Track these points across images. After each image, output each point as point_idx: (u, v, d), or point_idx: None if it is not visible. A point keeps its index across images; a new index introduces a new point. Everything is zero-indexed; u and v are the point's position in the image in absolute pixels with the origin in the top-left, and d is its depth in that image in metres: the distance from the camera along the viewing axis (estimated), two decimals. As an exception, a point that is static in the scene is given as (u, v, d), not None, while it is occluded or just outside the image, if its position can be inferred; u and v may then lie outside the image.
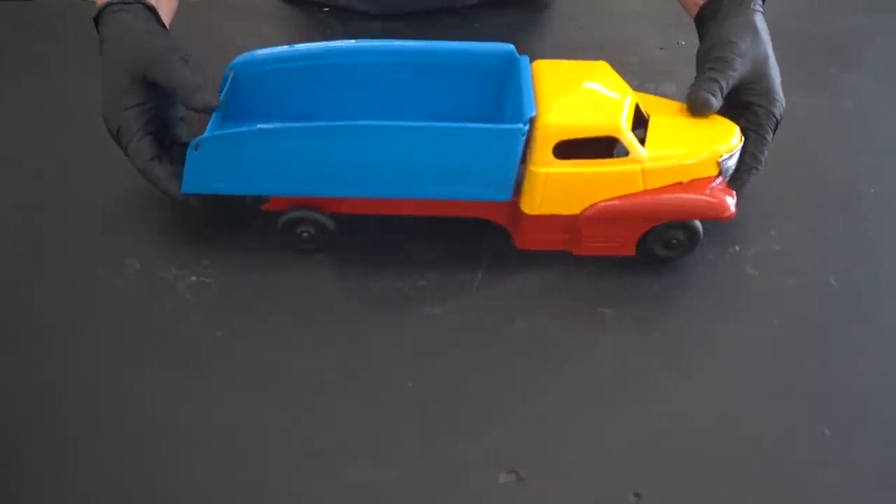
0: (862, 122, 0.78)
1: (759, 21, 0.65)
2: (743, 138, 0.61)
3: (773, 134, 0.63)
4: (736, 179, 0.62)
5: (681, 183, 0.58)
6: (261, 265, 0.61)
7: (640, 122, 0.60)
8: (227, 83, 0.62)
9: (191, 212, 0.63)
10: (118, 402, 0.52)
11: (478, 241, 0.62)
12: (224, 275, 0.60)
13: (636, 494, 0.48)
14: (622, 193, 0.58)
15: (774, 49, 0.64)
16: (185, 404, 0.52)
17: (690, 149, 0.59)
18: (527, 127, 0.55)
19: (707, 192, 0.59)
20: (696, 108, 0.61)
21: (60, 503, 0.47)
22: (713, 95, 0.61)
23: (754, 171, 0.63)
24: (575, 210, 0.58)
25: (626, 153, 0.57)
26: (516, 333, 0.57)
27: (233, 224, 0.64)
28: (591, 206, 0.58)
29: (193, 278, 0.60)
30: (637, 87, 0.62)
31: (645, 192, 0.58)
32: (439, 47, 0.64)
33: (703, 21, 0.67)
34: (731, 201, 0.59)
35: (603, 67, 0.62)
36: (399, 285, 0.60)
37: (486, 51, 0.63)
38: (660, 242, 0.60)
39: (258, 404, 0.52)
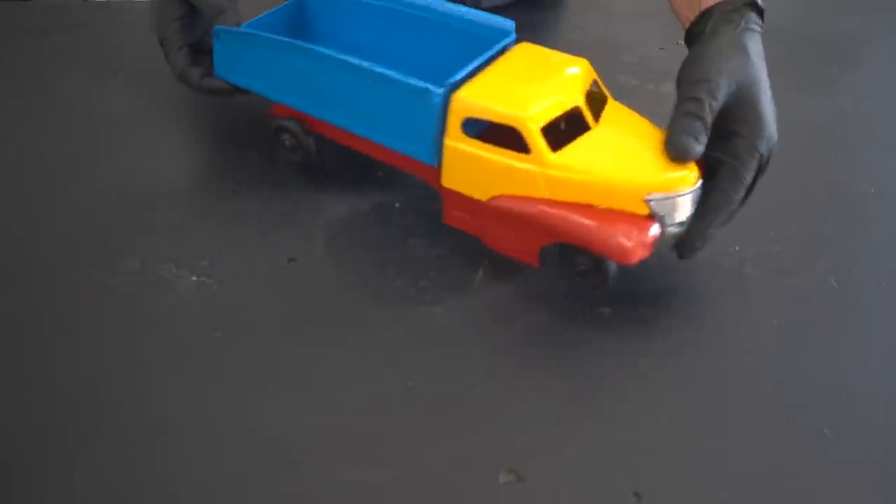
0: (862, 123, 0.78)
1: (752, 41, 0.57)
2: (700, 183, 0.54)
3: (758, 174, 0.56)
4: (700, 220, 0.55)
5: (592, 206, 0.54)
6: (261, 265, 0.61)
7: (581, 130, 0.56)
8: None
9: (190, 212, 0.63)
10: (117, 402, 0.52)
11: (478, 240, 0.62)
12: (224, 275, 0.60)
13: (636, 494, 0.48)
14: (523, 193, 0.55)
15: (774, 49, 0.63)
16: (185, 404, 0.52)
17: (609, 173, 0.53)
18: (441, 91, 0.55)
19: (613, 226, 0.53)
20: (677, 157, 0.54)
21: (60, 503, 0.47)
22: (695, 139, 0.53)
23: (723, 211, 0.55)
24: (481, 196, 0.57)
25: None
26: (516, 333, 0.57)
27: (233, 224, 0.64)
28: (495, 196, 0.56)
29: (193, 278, 0.60)
30: (637, 87, 0.62)
31: (546, 200, 0.55)
32: (450, 9, 0.65)
33: (691, 40, 0.60)
34: (634, 248, 0.52)
35: (578, 65, 0.58)
36: (399, 284, 0.60)
37: (488, 22, 0.63)
38: (568, 263, 0.56)
39: (258, 404, 0.52)
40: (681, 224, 0.54)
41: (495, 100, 0.55)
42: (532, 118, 0.54)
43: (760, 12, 0.59)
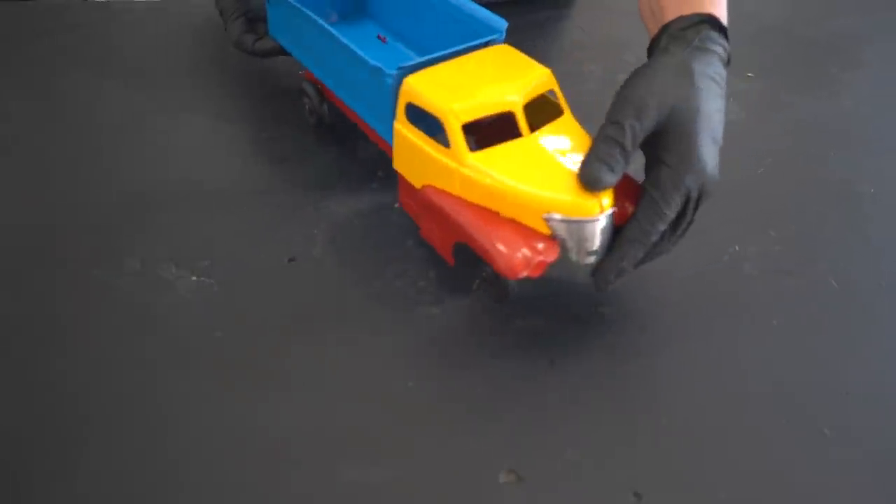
0: (862, 122, 0.78)
1: (702, 62, 0.52)
2: (610, 212, 0.51)
3: (688, 210, 0.51)
4: (614, 251, 0.51)
5: (497, 215, 0.52)
6: (261, 265, 0.61)
7: (514, 136, 0.55)
8: None
9: (190, 212, 0.63)
10: (118, 402, 0.52)
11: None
12: (224, 275, 0.60)
13: (636, 494, 0.48)
14: (444, 188, 0.55)
15: (774, 49, 0.62)
16: (185, 404, 0.52)
17: (513, 183, 0.51)
18: (393, 73, 0.56)
19: (505, 237, 0.51)
20: (587, 185, 0.50)
21: (60, 503, 0.47)
22: (608, 168, 0.49)
23: (638, 245, 0.51)
24: (416, 183, 0.57)
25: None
26: (515, 333, 0.57)
27: (233, 224, 0.64)
28: (425, 185, 0.56)
29: (193, 278, 0.60)
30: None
31: (458, 198, 0.54)
32: (458, 1, 0.65)
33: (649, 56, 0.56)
34: (517, 263, 0.51)
35: (536, 72, 0.57)
36: (399, 285, 0.60)
37: (483, 18, 0.63)
38: (473, 267, 0.55)
39: (257, 404, 0.52)
40: (595, 252, 0.52)
41: (432, 90, 0.55)
42: (456, 113, 0.53)
43: (722, 30, 0.54)
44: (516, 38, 0.65)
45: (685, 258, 0.61)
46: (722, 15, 0.55)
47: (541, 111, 0.57)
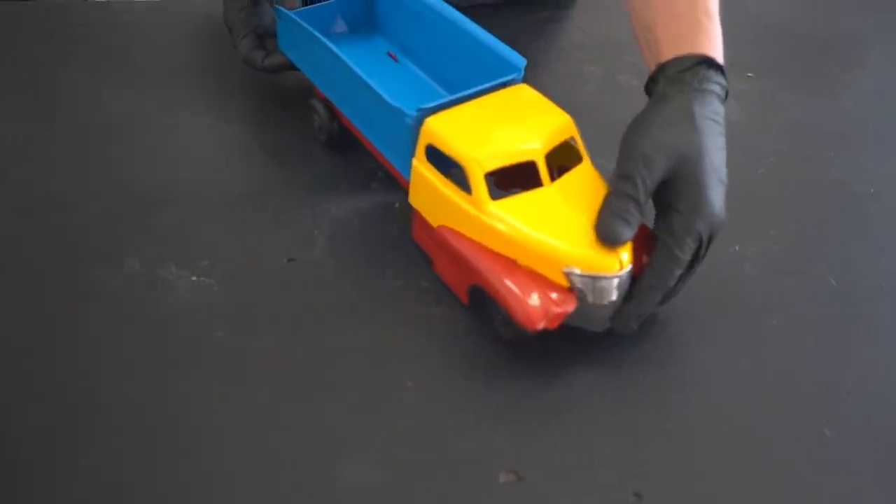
0: (862, 122, 0.78)
1: (703, 104, 0.53)
2: (629, 268, 0.52)
3: (700, 253, 0.52)
4: (634, 299, 0.52)
5: (515, 263, 0.52)
6: (260, 265, 0.61)
7: (534, 185, 0.54)
8: None
9: (190, 212, 0.63)
10: (117, 401, 0.52)
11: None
12: (224, 275, 0.60)
13: (636, 494, 0.48)
14: (463, 231, 0.55)
15: (774, 49, 0.62)
16: (185, 404, 0.52)
17: (533, 236, 0.52)
18: (414, 115, 0.56)
19: (524, 288, 0.51)
20: (605, 242, 0.51)
21: (60, 503, 0.47)
22: (625, 222, 0.50)
23: (656, 291, 0.52)
24: (433, 221, 0.57)
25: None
26: (515, 333, 0.57)
27: (233, 224, 0.64)
28: (442, 225, 0.57)
29: (193, 278, 0.60)
30: (637, 87, 0.61)
31: (478, 244, 0.54)
32: (472, 30, 0.65)
33: (649, 94, 0.57)
34: (537, 315, 0.51)
35: (558, 119, 0.57)
36: (399, 285, 0.60)
37: (502, 53, 0.62)
38: (489, 309, 0.55)
39: (258, 404, 0.52)
40: (611, 304, 0.52)
41: (455, 135, 0.55)
42: (479, 161, 0.53)
43: (720, 68, 0.55)
44: (516, 39, 0.65)
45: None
46: (718, 53, 0.56)
47: (560, 155, 0.56)
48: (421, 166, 0.57)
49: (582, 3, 0.95)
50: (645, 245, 0.54)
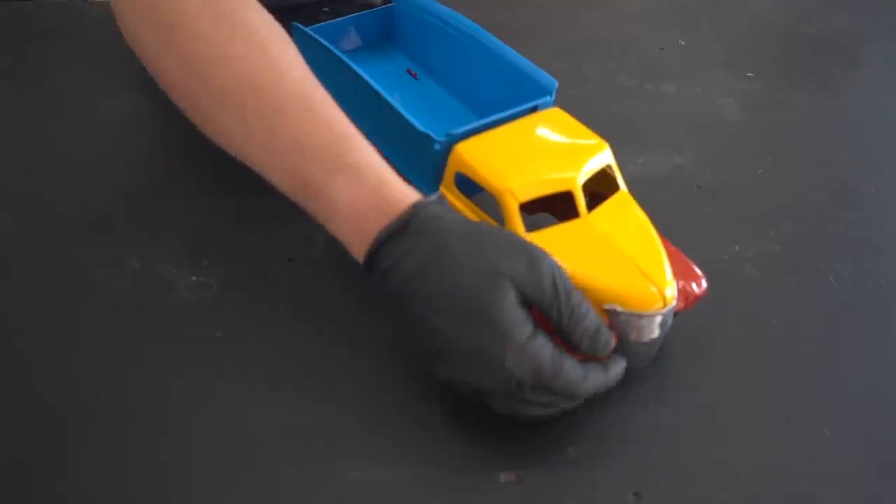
0: (862, 122, 0.78)
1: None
2: (672, 305, 0.50)
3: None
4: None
5: None
6: (260, 265, 0.61)
7: (570, 215, 0.53)
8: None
9: (190, 212, 0.63)
10: (117, 401, 0.52)
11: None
12: (224, 275, 0.60)
13: (636, 494, 0.48)
14: None
15: (774, 48, 0.62)
16: (185, 404, 0.52)
17: (571, 271, 0.49)
18: (442, 140, 0.54)
19: None
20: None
21: (60, 503, 0.47)
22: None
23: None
24: None
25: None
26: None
27: (233, 224, 0.64)
28: None
29: (193, 278, 0.60)
30: (637, 87, 0.62)
31: None
32: (500, 49, 0.64)
33: None
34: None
35: (594, 147, 0.55)
36: (399, 285, 0.60)
37: (534, 76, 0.61)
38: None
39: (258, 404, 0.52)
40: (652, 341, 0.51)
41: (487, 163, 0.53)
42: (513, 192, 0.51)
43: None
44: (516, 39, 0.65)
45: (685, 258, 0.61)
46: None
47: (594, 181, 0.54)
48: (450, 194, 0.55)
49: (582, 3, 0.95)
50: (689, 277, 0.52)
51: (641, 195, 0.55)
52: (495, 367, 0.46)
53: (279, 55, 0.54)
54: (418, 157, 0.57)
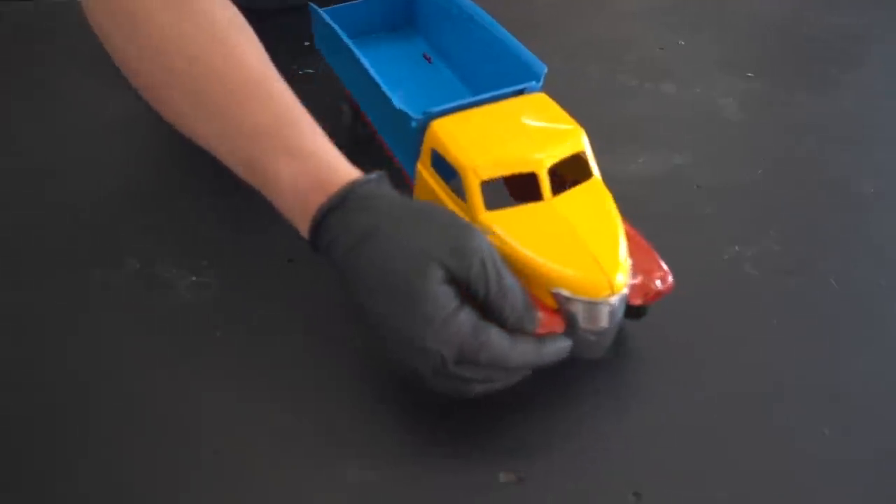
0: (862, 122, 0.78)
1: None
2: (622, 294, 0.49)
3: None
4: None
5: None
6: (260, 265, 0.61)
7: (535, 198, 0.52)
8: None
9: (190, 212, 0.63)
10: (117, 401, 0.52)
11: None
12: (224, 275, 0.60)
13: (636, 494, 0.48)
14: None
15: (774, 48, 0.62)
16: (185, 404, 0.52)
17: (522, 251, 0.49)
18: (419, 118, 0.55)
19: None
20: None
21: (60, 503, 0.47)
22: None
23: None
24: None
25: None
26: (516, 333, 0.57)
27: (233, 224, 0.64)
28: None
29: (193, 278, 0.60)
30: (637, 87, 0.62)
31: None
32: (498, 32, 0.64)
33: None
34: None
35: (568, 134, 0.54)
36: (399, 285, 0.60)
37: (525, 60, 0.61)
38: None
39: (258, 404, 0.52)
40: (603, 330, 0.50)
41: (457, 141, 0.53)
42: (475, 169, 0.51)
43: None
44: (516, 37, 0.65)
45: (685, 258, 0.61)
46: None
47: (573, 169, 0.54)
48: (424, 171, 0.56)
49: (583, 3, 0.95)
50: (648, 268, 0.52)
51: (641, 195, 0.55)
52: (416, 345, 0.46)
53: (236, 45, 0.55)
54: (402, 134, 0.58)
